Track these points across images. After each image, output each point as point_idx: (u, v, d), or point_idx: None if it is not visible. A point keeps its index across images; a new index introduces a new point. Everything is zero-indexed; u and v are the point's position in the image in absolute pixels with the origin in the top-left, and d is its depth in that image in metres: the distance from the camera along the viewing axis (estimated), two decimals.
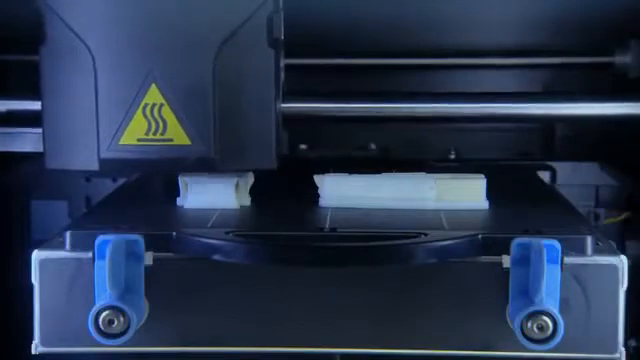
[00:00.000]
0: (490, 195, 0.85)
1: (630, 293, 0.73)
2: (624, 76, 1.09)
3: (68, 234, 0.75)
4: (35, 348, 0.76)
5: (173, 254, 0.75)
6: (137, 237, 0.73)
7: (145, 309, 0.74)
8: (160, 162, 0.82)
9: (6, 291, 1.11)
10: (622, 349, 0.74)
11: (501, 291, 0.73)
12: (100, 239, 0.72)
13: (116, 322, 0.71)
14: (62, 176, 1.18)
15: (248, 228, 0.79)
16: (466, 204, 0.85)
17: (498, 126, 1.22)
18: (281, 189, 0.93)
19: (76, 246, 0.75)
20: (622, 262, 0.73)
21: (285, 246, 0.73)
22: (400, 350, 0.76)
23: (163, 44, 0.80)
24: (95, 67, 0.80)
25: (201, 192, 0.85)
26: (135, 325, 0.72)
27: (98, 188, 1.18)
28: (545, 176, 1.12)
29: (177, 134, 0.81)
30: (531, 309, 0.70)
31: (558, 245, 0.71)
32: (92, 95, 0.81)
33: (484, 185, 0.85)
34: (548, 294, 0.70)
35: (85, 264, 0.74)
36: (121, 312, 0.71)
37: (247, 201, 0.87)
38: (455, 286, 0.75)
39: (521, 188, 1.00)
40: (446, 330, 0.75)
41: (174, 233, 0.75)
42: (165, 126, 0.81)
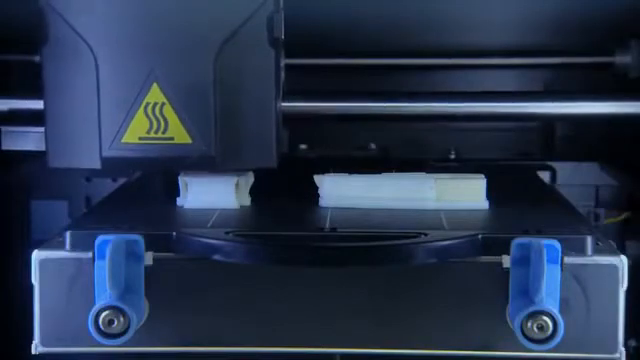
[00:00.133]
0: (490, 195, 0.85)
1: (630, 293, 0.73)
2: (624, 76, 1.09)
3: (68, 234, 0.75)
4: (35, 348, 0.76)
5: (173, 254, 0.75)
6: (137, 237, 0.73)
7: (145, 309, 0.74)
8: (161, 160, 0.82)
9: (6, 291, 1.10)
10: (622, 349, 0.74)
11: (501, 291, 0.73)
12: (100, 239, 0.72)
13: (116, 322, 0.71)
14: (62, 176, 1.18)
15: (248, 228, 0.79)
16: (466, 204, 0.85)
17: (498, 126, 1.22)
18: (281, 189, 0.93)
19: (76, 246, 0.75)
20: (622, 262, 0.73)
21: (285, 246, 0.73)
22: (400, 350, 0.76)
23: (165, 44, 0.80)
24: (97, 66, 0.81)
25: (201, 192, 0.85)
26: (135, 325, 0.72)
27: (98, 188, 1.18)
28: (545, 176, 1.12)
29: (178, 133, 0.81)
30: (531, 309, 0.70)
31: (558, 245, 0.71)
32: (94, 94, 0.81)
33: (484, 185, 0.85)
34: (548, 294, 0.70)
35: (85, 264, 0.74)
36: (121, 312, 0.71)
37: (247, 201, 0.87)
38: (455, 286, 0.75)
39: (521, 188, 1.00)
40: (446, 330, 0.75)
41: (174, 233, 0.75)
42: (166, 125, 0.81)
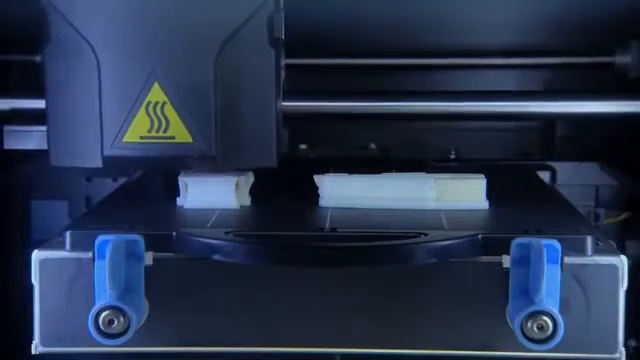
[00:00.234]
0: (490, 195, 0.85)
1: (630, 293, 0.73)
2: (624, 76, 1.09)
3: (68, 234, 0.75)
4: (35, 348, 0.76)
5: (173, 254, 0.75)
6: (137, 237, 0.73)
7: (145, 309, 0.74)
8: (162, 159, 0.82)
9: (6, 291, 1.10)
10: (622, 349, 0.74)
11: (501, 291, 0.73)
12: (100, 239, 0.72)
13: (116, 322, 0.71)
14: (62, 176, 1.18)
15: (248, 228, 0.79)
16: (466, 204, 0.85)
17: (498, 126, 1.22)
18: (281, 189, 0.93)
19: (76, 246, 0.75)
20: (622, 262, 0.73)
21: (285, 246, 0.73)
22: (400, 350, 0.76)
23: (166, 43, 0.81)
24: (99, 66, 0.81)
25: (201, 192, 0.85)
26: (135, 325, 0.72)
27: (98, 188, 1.18)
28: (545, 176, 1.12)
29: (179, 132, 0.82)
30: (531, 309, 0.70)
31: (558, 245, 0.71)
32: (96, 94, 0.81)
33: (484, 185, 0.85)
34: (548, 294, 0.70)
35: (85, 264, 0.74)
36: (121, 312, 0.71)
37: (247, 201, 0.87)
38: (455, 286, 0.75)
39: (521, 188, 1.00)
40: (446, 330, 0.75)
41: (174, 233, 0.75)
42: (167, 124, 0.81)
